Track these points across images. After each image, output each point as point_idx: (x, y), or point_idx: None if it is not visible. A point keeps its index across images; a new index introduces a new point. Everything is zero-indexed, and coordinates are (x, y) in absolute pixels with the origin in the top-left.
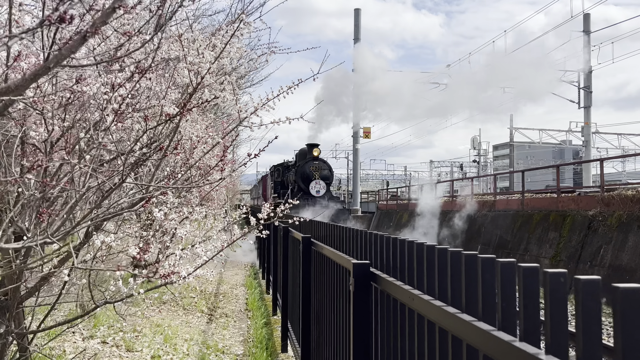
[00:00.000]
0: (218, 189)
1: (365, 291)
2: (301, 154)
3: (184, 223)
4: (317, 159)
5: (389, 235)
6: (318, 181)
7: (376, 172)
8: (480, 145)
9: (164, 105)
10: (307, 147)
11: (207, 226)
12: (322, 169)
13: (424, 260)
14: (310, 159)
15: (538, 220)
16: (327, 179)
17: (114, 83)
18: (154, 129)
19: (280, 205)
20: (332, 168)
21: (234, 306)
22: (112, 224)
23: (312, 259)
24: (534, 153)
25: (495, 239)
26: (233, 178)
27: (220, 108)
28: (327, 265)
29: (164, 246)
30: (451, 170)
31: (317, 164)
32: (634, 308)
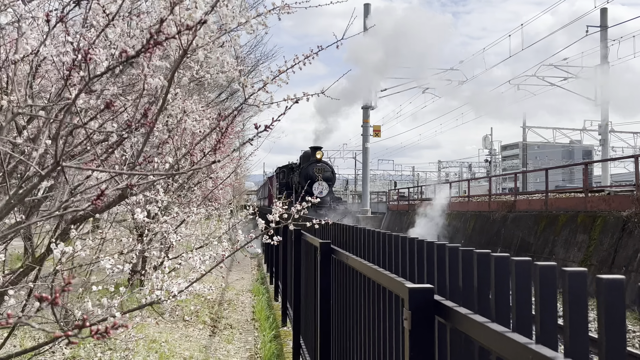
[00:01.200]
0: (222, 188)
1: (427, 329)
2: (305, 156)
3: (180, 228)
4: (320, 161)
5: (456, 246)
6: (321, 182)
7: (384, 172)
8: (492, 144)
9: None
10: (311, 150)
11: (210, 228)
12: (325, 171)
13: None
14: (313, 161)
15: (564, 221)
16: (330, 180)
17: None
18: (135, 102)
19: (296, 204)
20: (334, 170)
21: (239, 315)
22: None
23: (333, 270)
24: (543, 153)
25: (516, 241)
26: (239, 175)
27: (217, 82)
28: (355, 279)
29: (151, 256)
30: (460, 171)
31: (320, 166)
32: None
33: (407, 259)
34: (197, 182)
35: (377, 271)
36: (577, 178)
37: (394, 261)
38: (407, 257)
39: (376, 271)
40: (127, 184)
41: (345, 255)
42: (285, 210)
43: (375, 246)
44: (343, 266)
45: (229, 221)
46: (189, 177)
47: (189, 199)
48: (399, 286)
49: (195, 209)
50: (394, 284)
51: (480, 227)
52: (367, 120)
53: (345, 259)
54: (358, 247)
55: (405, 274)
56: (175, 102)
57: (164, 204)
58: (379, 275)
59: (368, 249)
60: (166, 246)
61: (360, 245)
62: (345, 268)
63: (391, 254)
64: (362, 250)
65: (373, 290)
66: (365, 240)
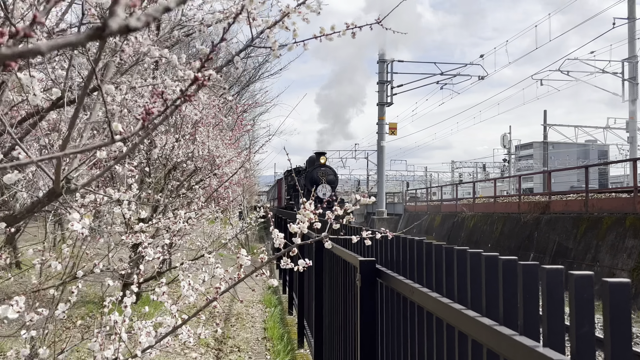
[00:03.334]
0: (229, 186)
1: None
2: (310, 161)
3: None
4: (324, 165)
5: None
6: (324, 185)
7: (396, 172)
8: (510, 143)
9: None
10: (315, 155)
11: (215, 234)
12: (328, 175)
13: None
14: (317, 165)
15: (609, 224)
16: (333, 183)
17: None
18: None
19: (336, 208)
20: (336, 173)
21: (249, 333)
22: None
23: (381, 302)
24: (559, 153)
25: (552, 246)
26: (249, 173)
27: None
28: (427, 324)
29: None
30: (475, 171)
31: (324, 170)
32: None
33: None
34: (200, 180)
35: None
36: (592, 179)
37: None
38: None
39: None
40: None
41: (405, 285)
42: (317, 215)
43: (488, 284)
44: (400, 300)
45: (237, 224)
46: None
47: (189, 199)
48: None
49: (193, 212)
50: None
51: (509, 230)
52: (382, 117)
53: (407, 292)
54: (428, 272)
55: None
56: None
57: (133, 205)
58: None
59: (451, 279)
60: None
61: (431, 270)
62: (405, 303)
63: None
64: (434, 278)
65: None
66: (450, 267)
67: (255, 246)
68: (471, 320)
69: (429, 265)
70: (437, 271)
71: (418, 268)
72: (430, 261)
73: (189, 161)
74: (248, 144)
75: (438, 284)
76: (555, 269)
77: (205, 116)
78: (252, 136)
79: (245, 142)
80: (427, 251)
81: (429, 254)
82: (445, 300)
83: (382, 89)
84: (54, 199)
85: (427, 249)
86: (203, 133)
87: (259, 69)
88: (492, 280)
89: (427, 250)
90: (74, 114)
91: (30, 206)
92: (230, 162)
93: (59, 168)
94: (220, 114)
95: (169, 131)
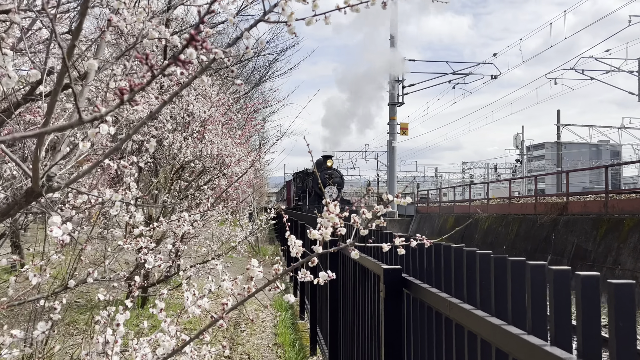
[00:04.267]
0: (238, 186)
1: None
2: (318, 163)
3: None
4: (331, 168)
5: None
6: (331, 187)
7: (407, 173)
8: (523, 143)
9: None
10: (322, 158)
11: (224, 236)
12: (335, 177)
13: None
14: (325, 168)
15: (631, 226)
16: (339, 185)
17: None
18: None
19: (364, 210)
20: (343, 176)
21: (259, 339)
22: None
23: (408, 315)
24: (571, 154)
25: (570, 248)
26: (259, 174)
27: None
28: (461, 341)
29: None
30: (486, 172)
31: (331, 172)
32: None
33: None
34: (209, 180)
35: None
36: (603, 180)
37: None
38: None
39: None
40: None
41: (441, 299)
42: (342, 219)
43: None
44: (433, 315)
45: (247, 226)
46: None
47: (197, 200)
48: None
49: (198, 215)
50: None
51: (525, 231)
52: (393, 117)
53: (442, 307)
54: (470, 286)
55: None
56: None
57: (133, 207)
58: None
59: (503, 295)
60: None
61: (474, 283)
62: (439, 320)
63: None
64: (478, 293)
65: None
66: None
67: (266, 248)
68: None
69: (471, 278)
70: (484, 285)
71: (457, 280)
72: (472, 272)
73: (197, 160)
74: (258, 144)
75: (484, 301)
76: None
77: (214, 114)
78: (262, 136)
79: (255, 142)
80: (469, 260)
81: (471, 263)
82: (497, 321)
83: (394, 89)
84: (32, 199)
85: (469, 258)
86: (212, 131)
87: (269, 68)
88: (562, 297)
89: (468, 260)
90: (52, 97)
91: (6, 208)
92: (240, 162)
93: (36, 163)
94: (230, 112)
95: (177, 129)
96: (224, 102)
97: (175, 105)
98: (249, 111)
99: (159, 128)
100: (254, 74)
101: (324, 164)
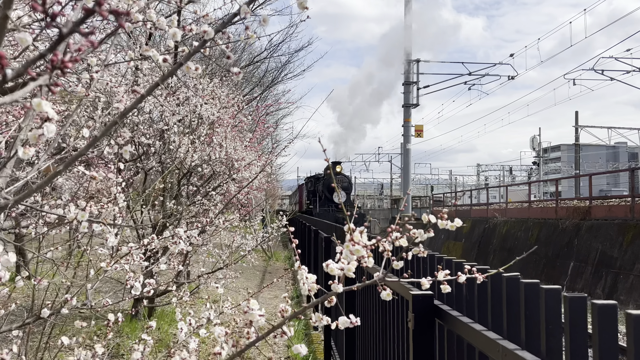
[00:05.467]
0: (249, 192)
1: None
2: (327, 169)
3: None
4: (339, 174)
5: None
6: (340, 191)
7: (421, 176)
8: (540, 145)
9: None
10: (332, 164)
11: (234, 244)
12: (343, 182)
13: None
14: (334, 173)
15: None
16: (347, 189)
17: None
18: None
19: (396, 235)
20: (351, 181)
21: (271, 352)
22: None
23: (440, 348)
24: (588, 156)
25: (594, 254)
26: (271, 178)
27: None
28: None
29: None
30: (502, 174)
31: (339, 177)
32: None
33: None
34: (218, 186)
35: None
36: (622, 182)
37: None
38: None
39: None
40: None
41: (491, 342)
42: (370, 248)
43: None
44: (476, 356)
45: (260, 230)
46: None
47: (206, 207)
48: None
49: (195, 230)
50: None
51: (546, 236)
52: (408, 119)
53: (491, 351)
54: (529, 328)
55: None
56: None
57: (120, 220)
58: None
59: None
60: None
61: (535, 326)
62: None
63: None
64: (544, 340)
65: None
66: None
67: (279, 253)
68: None
69: (531, 318)
70: (551, 330)
71: (510, 318)
72: (533, 311)
73: (205, 165)
74: (270, 147)
75: (552, 350)
76: None
77: (223, 116)
78: (275, 139)
79: (268, 145)
80: (529, 294)
81: (531, 297)
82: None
83: (408, 90)
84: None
85: (529, 291)
86: (220, 134)
87: (282, 70)
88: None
89: (528, 293)
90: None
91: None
92: (250, 166)
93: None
94: (242, 114)
95: (184, 132)
96: (234, 103)
97: (182, 107)
98: (260, 113)
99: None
100: (266, 76)
101: (334, 170)
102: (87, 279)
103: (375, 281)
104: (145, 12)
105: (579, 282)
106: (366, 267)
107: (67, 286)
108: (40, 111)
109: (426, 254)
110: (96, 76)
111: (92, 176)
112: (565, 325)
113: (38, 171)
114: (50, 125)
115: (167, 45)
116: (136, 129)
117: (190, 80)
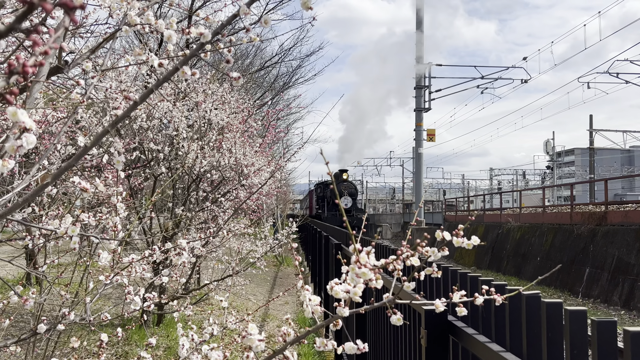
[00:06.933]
0: (258, 198)
1: None
2: (335, 175)
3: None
4: (346, 180)
5: None
6: (346, 197)
7: (433, 180)
8: (554, 149)
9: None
10: (339, 172)
11: (244, 250)
12: (350, 188)
13: None
14: (340, 181)
15: None
16: (353, 195)
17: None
18: None
19: (407, 252)
20: (356, 187)
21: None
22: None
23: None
24: (602, 160)
25: (611, 260)
26: (281, 183)
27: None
28: None
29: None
30: (515, 179)
31: (346, 184)
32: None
33: None
34: (227, 192)
35: None
36: (637, 187)
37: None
38: None
39: None
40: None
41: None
42: (378, 270)
43: None
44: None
45: (270, 235)
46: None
47: (215, 213)
48: None
49: (198, 241)
50: None
51: (560, 242)
52: (420, 123)
53: None
54: (552, 351)
55: None
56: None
57: (121, 234)
58: None
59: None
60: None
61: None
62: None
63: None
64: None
65: None
66: None
67: (290, 258)
68: None
69: (553, 342)
70: (576, 355)
71: (530, 338)
72: (556, 333)
73: (214, 171)
74: (281, 152)
75: None
76: None
77: (232, 121)
78: (285, 144)
79: (278, 149)
80: (551, 317)
81: (554, 320)
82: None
83: (420, 94)
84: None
85: (551, 312)
86: (230, 140)
87: (293, 74)
88: None
89: (551, 316)
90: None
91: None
92: (260, 172)
93: None
94: (252, 119)
95: (193, 138)
96: (244, 108)
97: (192, 113)
98: (270, 118)
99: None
100: (277, 81)
101: (340, 177)
102: (86, 292)
103: (384, 303)
104: (155, 16)
105: (595, 288)
106: (374, 287)
107: (72, 301)
108: (15, 121)
109: (440, 275)
110: (94, 82)
111: (83, 188)
112: (593, 353)
113: (30, 182)
114: (30, 136)
115: (175, 50)
116: (145, 135)
117: (200, 85)
